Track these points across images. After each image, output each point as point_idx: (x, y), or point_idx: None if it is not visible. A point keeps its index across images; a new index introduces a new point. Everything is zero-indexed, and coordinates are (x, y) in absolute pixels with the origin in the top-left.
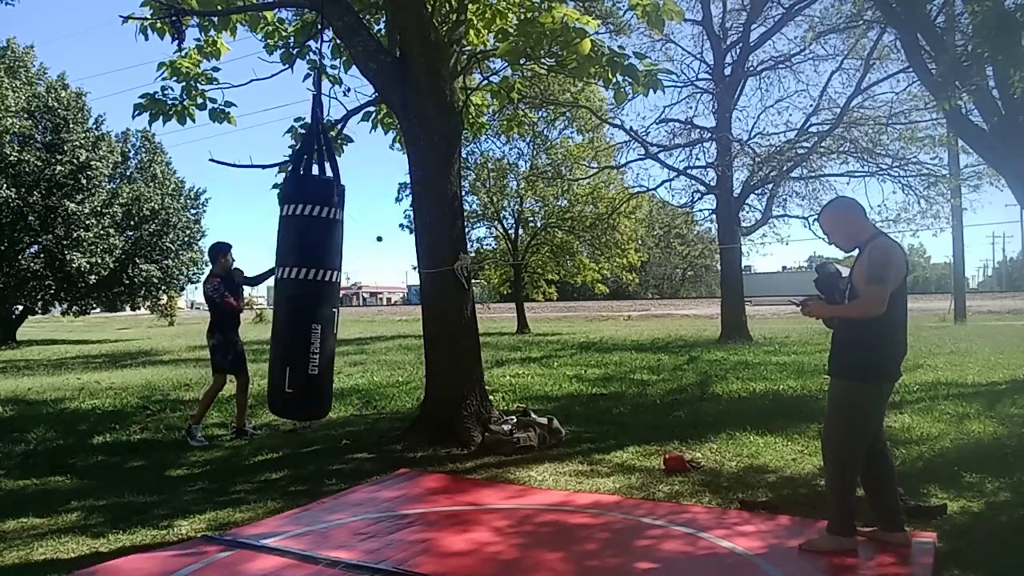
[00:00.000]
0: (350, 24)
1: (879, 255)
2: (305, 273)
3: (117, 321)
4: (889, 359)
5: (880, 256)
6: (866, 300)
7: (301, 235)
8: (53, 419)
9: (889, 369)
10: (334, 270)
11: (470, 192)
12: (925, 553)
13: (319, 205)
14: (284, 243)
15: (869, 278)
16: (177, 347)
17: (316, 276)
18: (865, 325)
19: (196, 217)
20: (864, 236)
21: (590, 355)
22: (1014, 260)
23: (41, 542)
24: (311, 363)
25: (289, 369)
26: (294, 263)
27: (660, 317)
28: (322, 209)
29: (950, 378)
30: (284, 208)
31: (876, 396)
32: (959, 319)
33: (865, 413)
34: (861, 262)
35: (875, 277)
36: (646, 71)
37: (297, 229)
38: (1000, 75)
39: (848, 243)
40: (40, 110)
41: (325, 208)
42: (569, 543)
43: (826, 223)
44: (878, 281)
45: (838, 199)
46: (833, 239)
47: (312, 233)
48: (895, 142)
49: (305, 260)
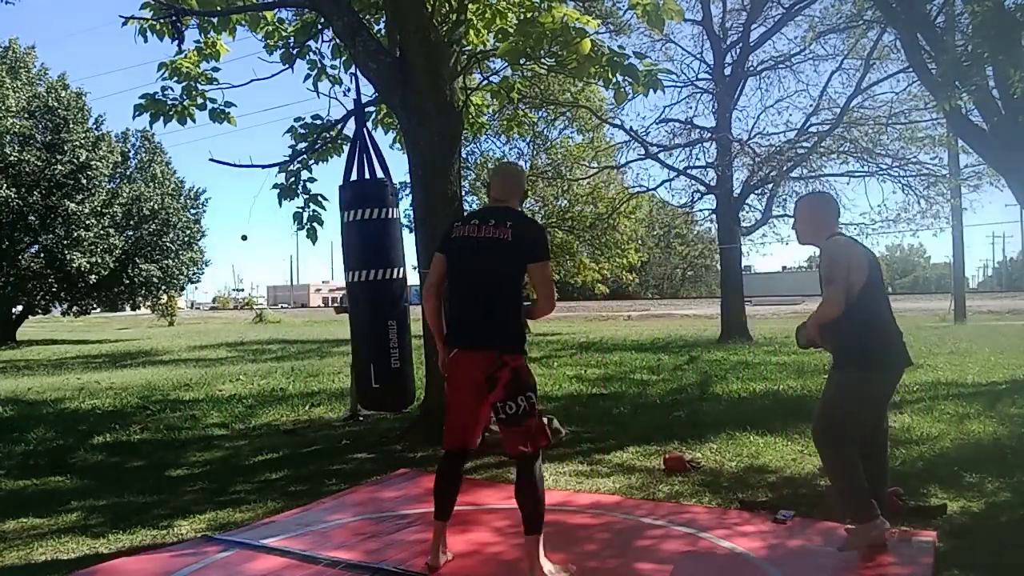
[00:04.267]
0: (350, 24)
1: (832, 256)
2: (374, 275)
3: (117, 321)
4: (883, 349)
5: (831, 256)
6: (824, 302)
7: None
8: (53, 419)
9: (884, 356)
10: (398, 267)
11: (470, 192)
12: (925, 553)
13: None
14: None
15: (825, 278)
16: (177, 347)
17: (383, 276)
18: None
19: (196, 217)
20: (823, 235)
21: (590, 355)
22: (1014, 260)
23: (41, 542)
24: (392, 358)
25: (373, 366)
26: (362, 266)
27: (660, 317)
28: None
29: (950, 378)
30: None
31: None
32: (959, 319)
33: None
34: (822, 265)
35: (827, 277)
36: (646, 71)
37: (359, 233)
38: (1000, 75)
39: (806, 236)
40: (40, 110)
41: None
42: (569, 543)
43: (798, 212)
44: (830, 281)
45: (821, 193)
46: (798, 231)
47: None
48: (895, 142)
49: (371, 262)
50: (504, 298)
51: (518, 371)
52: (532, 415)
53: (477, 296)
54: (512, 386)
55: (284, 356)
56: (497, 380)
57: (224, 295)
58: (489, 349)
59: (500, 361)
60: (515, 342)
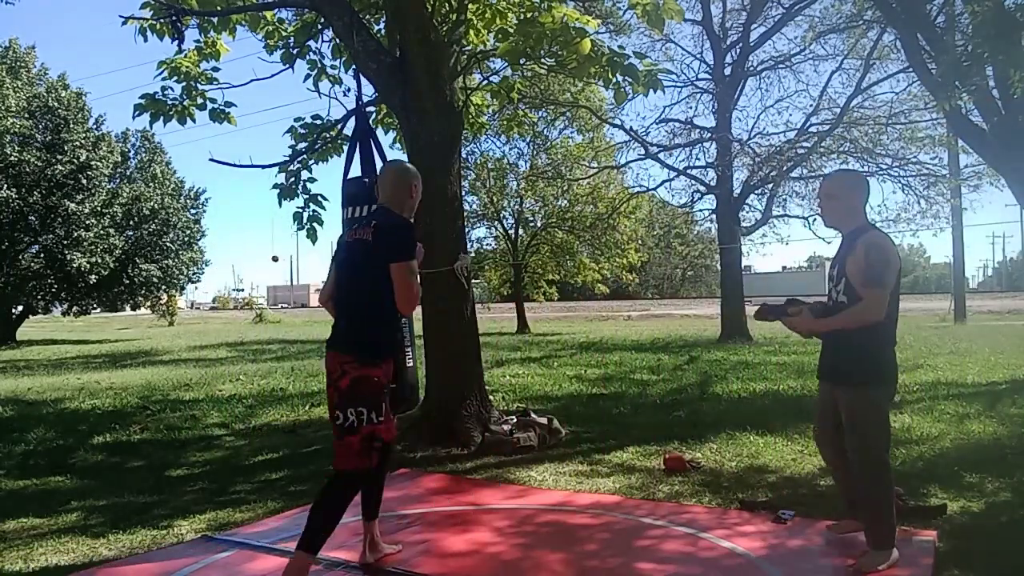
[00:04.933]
0: (350, 24)
1: (879, 255)
2: None
3: (117, 321)
4: (894, 358)
5: (880, 256)
6: (868, 306)
7: None
8: (53, 419)
9: (895, 368)
10: None
11: (470, 192)
12: (925, 553)
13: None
14: None
15: (870, 280)
16: (177, 347)
17: None
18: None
19: (196, 217)
20: (855, 223)
21: (590, 355)
22: (1014, 260)
23: (41, 542)
24: (407, 356)
25: None
26: None
27: (660, 317)
28: None
29: (950, 378)
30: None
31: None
32: (959, 319)
33: (887, 413)
34: (856, 259)
35: (877, 281)
36: (646, 71)
37: None
38: (1000, 75)
39: (837, 220)
40: (40, 110)
41: None
42: (570, 543)
43: (832, 188)
44: (880, 285)
45: (851, 171)
46: (826, 209)
47: None
48: (895, 142)
49: None
50: (363, 303)
51: (356, 381)
52: (356, 432)
53: (344, 300)
54: (346, 396)
55: (284, 356)
56: (338, 389)
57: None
58: (337, 353)
59: (342, 369)
60: (362, 351)
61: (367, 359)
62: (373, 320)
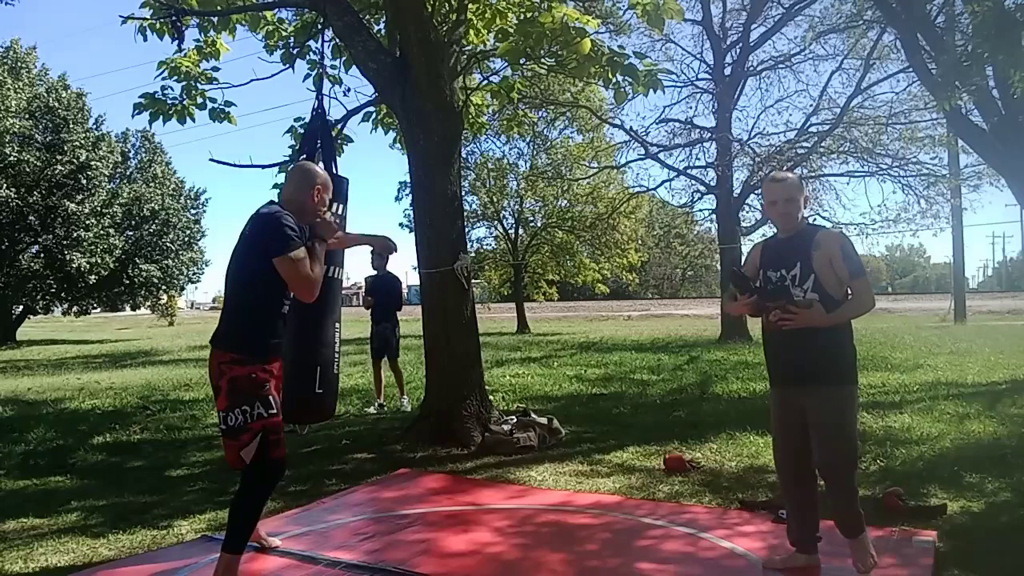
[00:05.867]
0: (350, 24)
1: (851, 246)
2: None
3: (117, 321)
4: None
5: (853, 247)
6: (864, 295)
7: None
8: (53, 419)
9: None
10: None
11: (470, 192)
12: (925, 553)
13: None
14: None
15: (856, 271)
16: (177, 347)
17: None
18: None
19: (196, 217)
20: (802, 222)
21: (590, 355)
22: (1014, 260)
23: (41, 542)
24: (336, 363)
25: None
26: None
27: (660, 317)
28: None
29: (950, 378)
30: None
31: None
32: (959, 319)
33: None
34: (825, 254)
35: (861, 270)
36: (646, 71)
37: None
38: (1000, 75)
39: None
40: (41, 110)
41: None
42: (570, 543)
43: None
44: (865, 273)
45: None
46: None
47: None
48: (895, 142)
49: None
50: (240, 301)
51: (235, 380)
52: (247, 430)
53: (225, 298)
54: (229, 395)
55: None
56: (219, 389)
57: None
58: (217, 352)
59: (219, 368)
60: (239, 350)
61: (245, 358)
62: (250, 318)
